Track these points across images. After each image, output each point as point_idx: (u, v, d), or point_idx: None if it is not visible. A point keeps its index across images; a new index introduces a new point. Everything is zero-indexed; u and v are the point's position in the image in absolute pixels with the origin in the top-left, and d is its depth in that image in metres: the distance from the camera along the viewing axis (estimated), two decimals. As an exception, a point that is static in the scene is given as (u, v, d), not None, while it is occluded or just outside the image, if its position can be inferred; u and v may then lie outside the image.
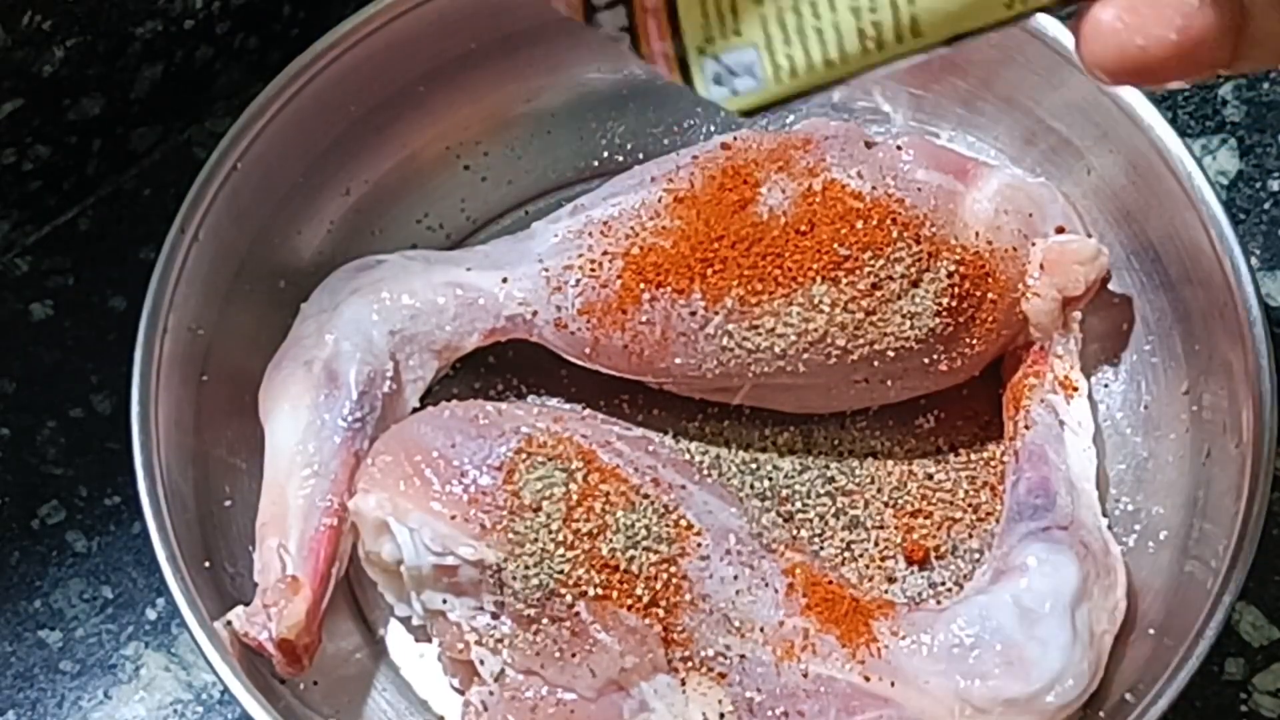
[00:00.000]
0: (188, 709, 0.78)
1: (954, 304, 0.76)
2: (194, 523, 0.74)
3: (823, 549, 0.78)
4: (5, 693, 0.78)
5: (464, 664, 0.72)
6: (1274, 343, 0.73)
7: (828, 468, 0.80)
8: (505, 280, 0.78)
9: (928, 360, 0.77)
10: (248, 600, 0.72)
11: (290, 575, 0.71)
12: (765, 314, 0.75)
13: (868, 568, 0.78)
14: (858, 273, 0.75)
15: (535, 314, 0.78)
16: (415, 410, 0.77)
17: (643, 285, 0.76)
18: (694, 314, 0.76)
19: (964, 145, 0.84)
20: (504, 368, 0.82)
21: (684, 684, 0.70)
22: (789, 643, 0.70)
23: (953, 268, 0.76)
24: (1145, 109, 0.78)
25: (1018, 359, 0.80)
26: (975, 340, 0.77)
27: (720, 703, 0.70)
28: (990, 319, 0.77)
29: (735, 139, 0.80)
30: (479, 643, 0.70)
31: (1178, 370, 0.78)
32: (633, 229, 0.77)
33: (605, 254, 0.77)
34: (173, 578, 0.70)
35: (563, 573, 0.68)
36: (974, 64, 0.83)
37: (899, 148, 0.78)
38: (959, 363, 0.78)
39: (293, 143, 0.80)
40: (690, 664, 0.70)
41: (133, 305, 0.75)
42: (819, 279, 0.75)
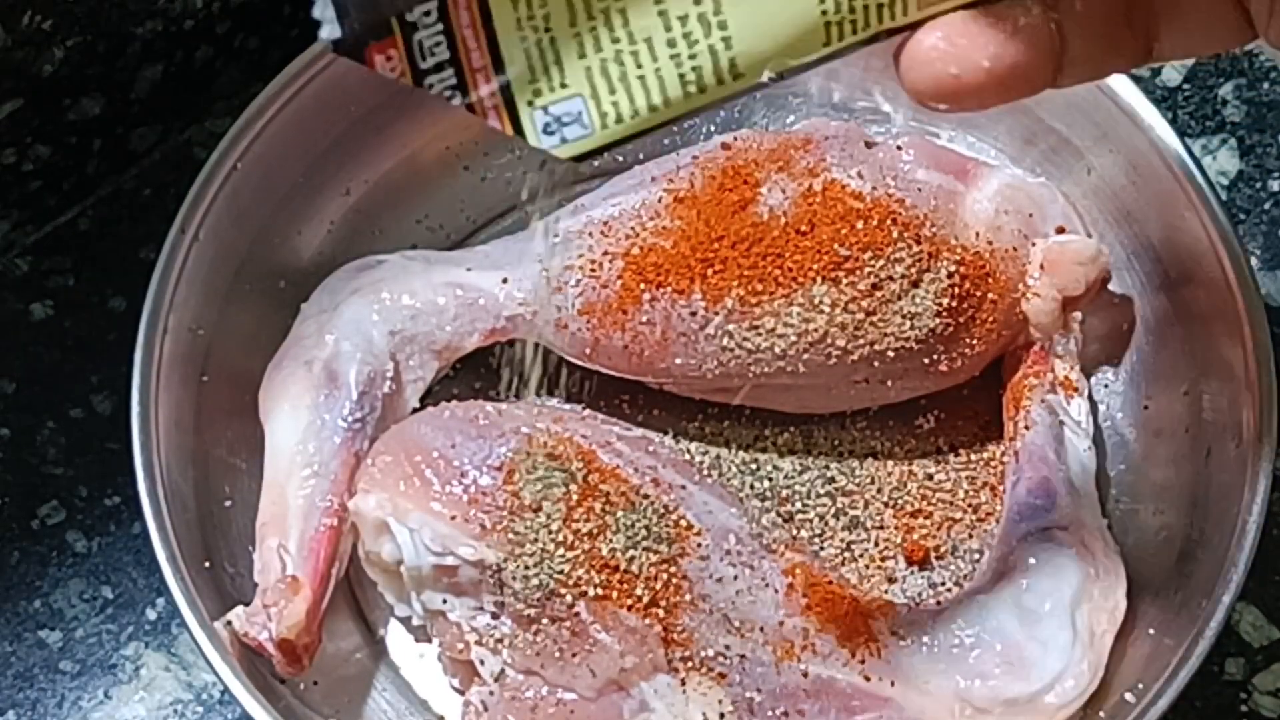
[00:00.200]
0: (188, 709, 0.78)
1: (954, 304, 0.76)
2: (194, 523, 0.74)
3: (823, 549, 0.78)
4: (5, 693, 0.78)
5: (464, 664, 0.72)
6: (1274, 343, 0.73)
7: (828, 468, 0.80)
8: (505, 280, 0.78)
9: (928, 360, 0.77)
10: (248, 600, 0.72)
11: (290, 575, 0.71)
12: (765, 314, 0.75)
13: (868, 568, 0.78)
14: (858, 273, 0.75)
15: (535, 314, 0.78)
16: (415, 410, 0.77)
17: (643, 285, 0.76)
18: (694, 314, 0.76)
19: (964, 145, 0.84)
20: (504, 368, 0.82)
21: (684, 684, 0.70)
22: (789, 643, 0.70)
23: (953, 268, 0.76)
24: (1145, 109, 0.78)
25: (1018, 359, 0.80)
26: (975, 340, 0.77)
27: (720, 703, 0.70)
28: (990, 319, 0.77)
29: (735, 139, 0.80)
30: (479, 643, 0.70)
31: (1178, 370, 0.78)
32: (633, 229, 0.77)
33: (605, 254, 0.77)
34: (173, 578, 0.70)
35: (563, 573, 0.68)
36: (974, 64, 0.83)
37: (899, 148, 0.78)
38: (959, 363, 0.78)
39: (293, 143, 0.80)
40: (690, 664, 0.70)
41: (133, 305, 0.75)
42: (819, 279, 0.75)
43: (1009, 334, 0.79)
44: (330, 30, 0.46)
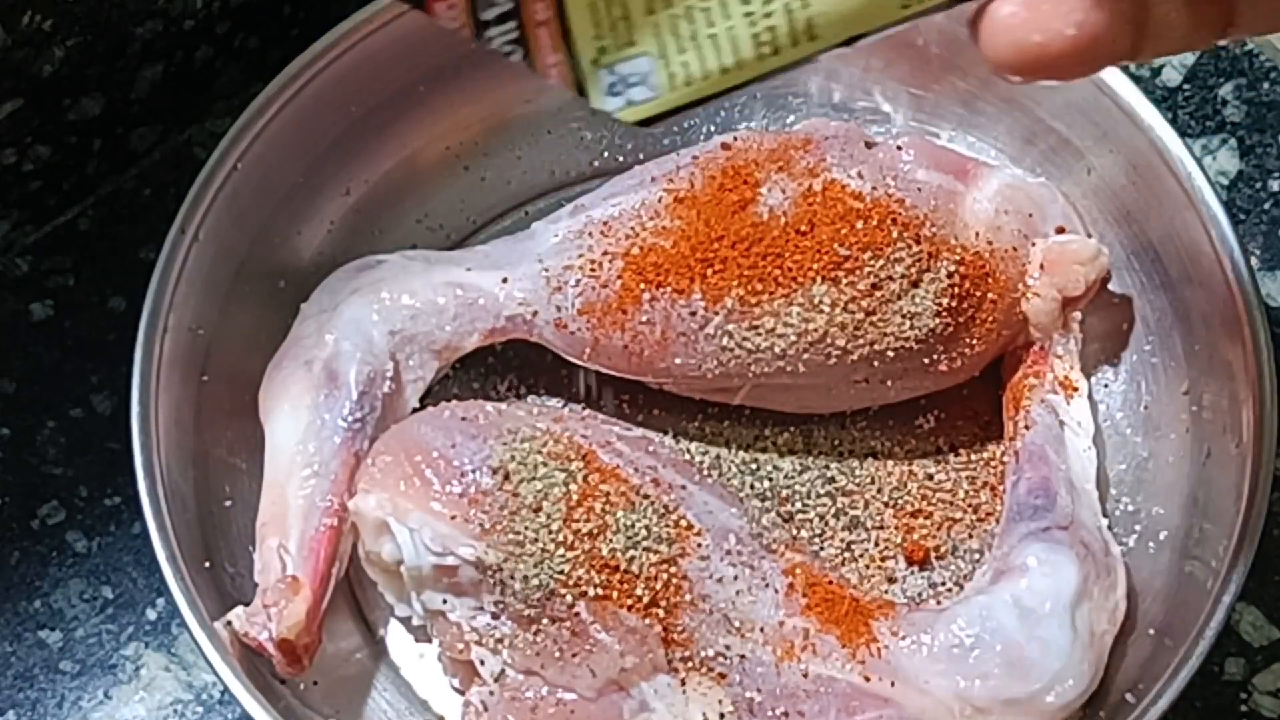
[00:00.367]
0: (188, 709, 0.78)
1: (954, 304, 0.76)
2: (194, 523, 0.74)
3: (823, 549, 0.78)
4: (5, 693, 0.78)
5: (464, 664, 0.72)
6: (1274, 343, 0.73)
7: (828, 468, 0.80)
8: (505, 280, 0.78)
9: (928, 360, 0.77)
10: (248, 600, 0.72)
11: (290, 575, 0.71)
12: (765, 314, 0.75)
13: (868, 568, 0.78)
14: (858, 273, 0.75)
15: (535, 314, 0.78)
16: (415, 410, 0.77)
17: (643, 285, 0.76)
18: (694, 314, 0.76)
19: (964, 145, 0.84)
20: (504, 368, 0.82)
21: (684, 684, 0.70)
22: (789, 643, 0.70)
23: (953, 268, 0.76)
24: (1145, 109, 0.78)
25: (1018, 359, 0.80)
26: (975, 340, 0.77)
27: (720, 703, 0.70)
28: (990, 319, 0.77)
29: (735, 139, 0.80)
30: (479, 643, 0.70)
31: (1178, 370, 0.78)
32: (633, 229, 0.77)
33: (605, 254, 0.77)
34: (173, 578, 0.70)
35: (563, 573, 0.68)
36: (974, 64, 0.83)
37: (899, 148, 0.78)
38: (959, 363, 0.78)
39: (293, 143, 0.80)
40: (690, 664, 0.70)
41: (133, 305, 0.75)
42: (819, 279, 0.75)
43: (1009, 334, 0.79)
44: None
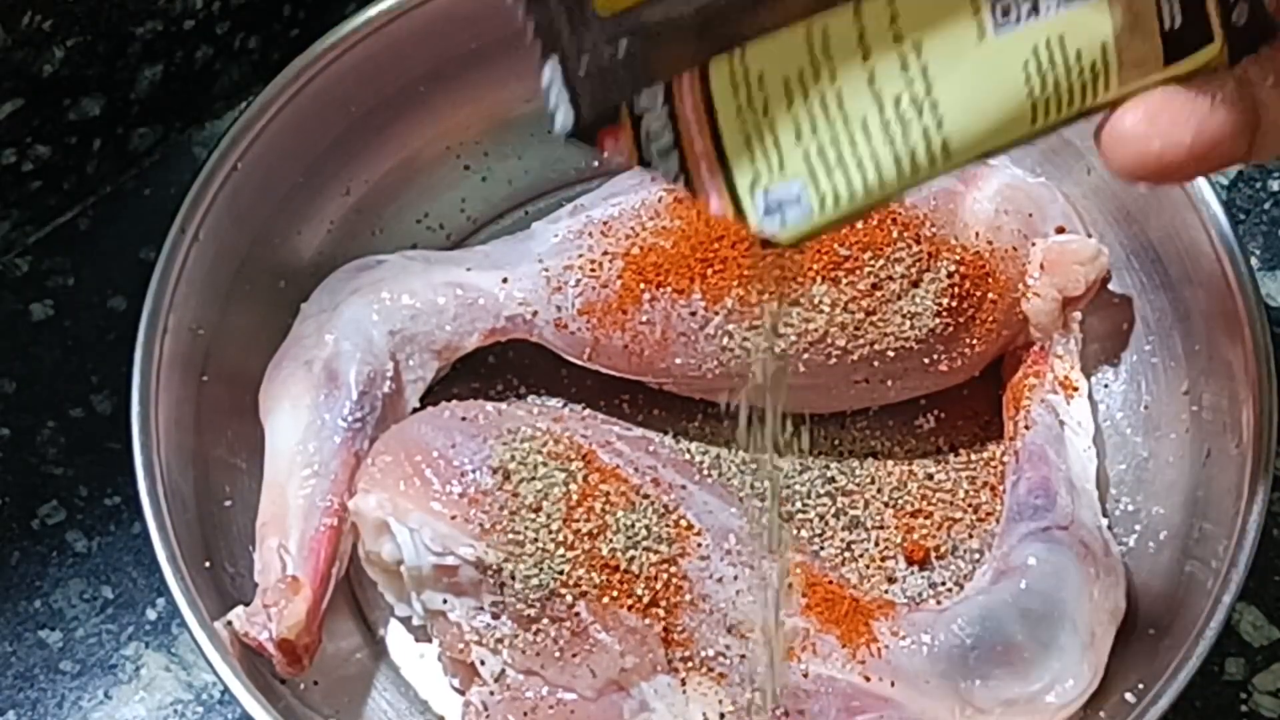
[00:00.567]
0: (188, 709, 0.78)
1: (954, 304, 0.76)
2: (194, 523, 0.74)
3: (823, 549, 0.78)
4: (5, 693, 0.78)
5: (464, 664, 0.72)
6: (1274, 343, 0.73)
7: (828, 468, 0.80)
8: (505, 280, 0.78)
9: (928, 360, 0.77)
10: (248, 600, 0.72)
11: (290, 575, 0.71)
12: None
13: (868, 568, 0.78)
14: (858, 273, 0.75)
15: (535, 314, 0.78)
16: (415, 410, 0.77)
17: (643, 285, 0.76)
18: (694, 314, 0.76)
19: (964, 145, 0.84)
20: (504, 368, 0.82)
21: (684, 684, 0.70)
22: (789, 643, 0.70)
23: (953, 268, 0.76)
24: (1145, 109, 0.78)
25: (1018, 359, 0.80)
26: (975, 340, 0.77)
27: (720, 703, 0.70)
28: (990, 319, 0.77)
29: (735, 139, 0.80)
30: (479, 643, 0.70)
31: (1178, 370, 0.78)
32: (633, 229, 0.77)
33: (605, 254, 0.77)
34: (173, 578, 0.70)
35: (563, 573, 0.68)
36: (974, 64, 0.83)
37: (899, 148, 0.78)
38: (959, 363, 0.78)
39: (293, 143, 0.80)
40: (690, 664, 0.70)
41: (133, 305, 0.75)
42: (819, 279, 0.75)
43: (1009, 334, 0.79)
44: (564, 118, 0.46)
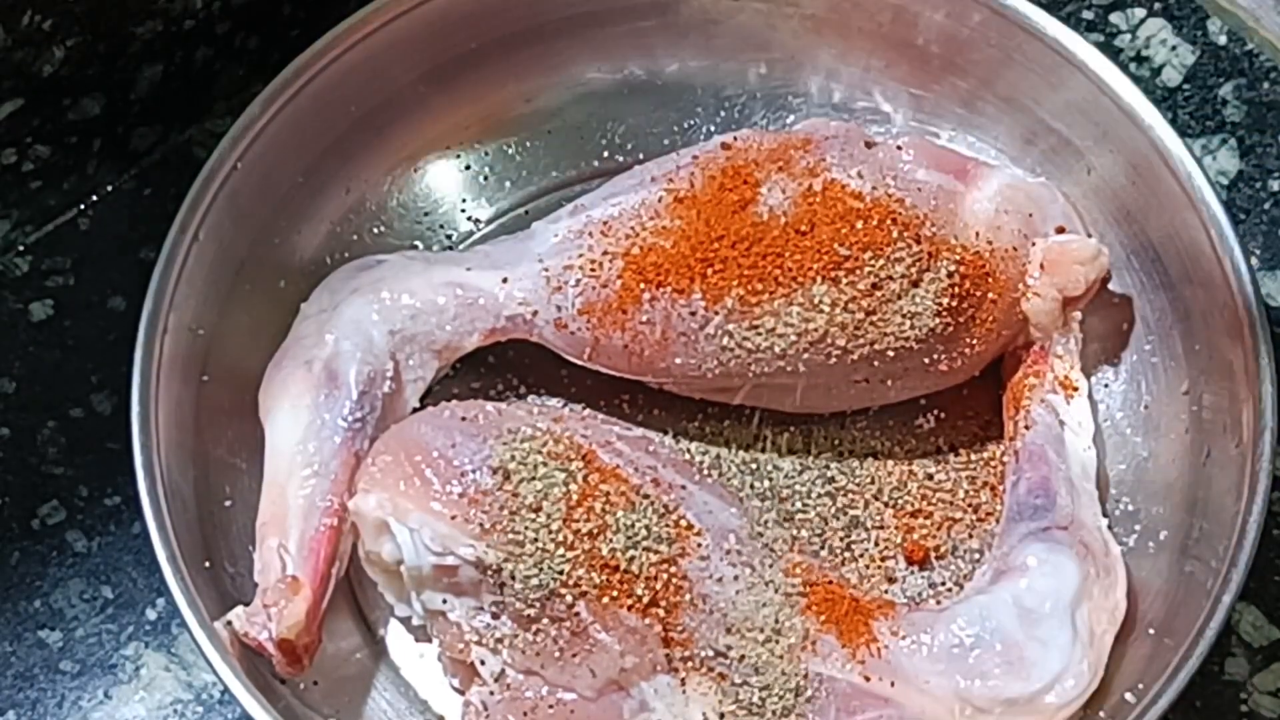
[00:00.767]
0: (188, 709, 0.78)
1: (954, 304, 0.76)
2: (194, 523, 0.74)
3: (823, 549, 0.78)
4: (5, 693, 0.78)
5: (464, 664, 0.72)
6: (1274, 343, 0.73)
7: (828, 468, 0.80)
8: (505, 280, 0.78)
9: (928, 360, 0.77)
10: (248, 600, 0.72)
11: (290, 575, 0.71)
12: (765, 314, 0.75)
13: (868, 568, 0.78)
14: (858, 273, 0.75)
15: (535, 314, 0.78)
16: (415, 410, 0.77)
17: (643, 285, 0.76)
18: (694, 314, 0.76)
19: (964, 145, 0.84)
20: (504, 368, 0.82)
21: (684, 684, 0.70)
22: (789, 643, 0.70)
23: (953, 268, 0.76)
24: (1145, 109, 0.78)
25: (1018, 359, 0.80)
26: (975, 340, 0.77)
27: (720, 703, 0.70)
28: (990, 319, 0.77)
29: (735, 139, 0.80)
30: (479, 643, 0.70)
31: (1178, 370, 0.78)
32: (633, 229, 0.77)
33: (605, 254, 0.77)
34: (173, 578, 0.70)
35: (563, 573, 0.68)
36: (974, 64, 0.83)
37: (899, 148, 0.78)
38: (959, 363, 0.78)
39: (293, 143, 0.80)
40: (690, 664, 0.70)
41: (133, 305, 0.75)
42: (819, 279, 0.75)
43: (1009, 334, 0.79)
44: None
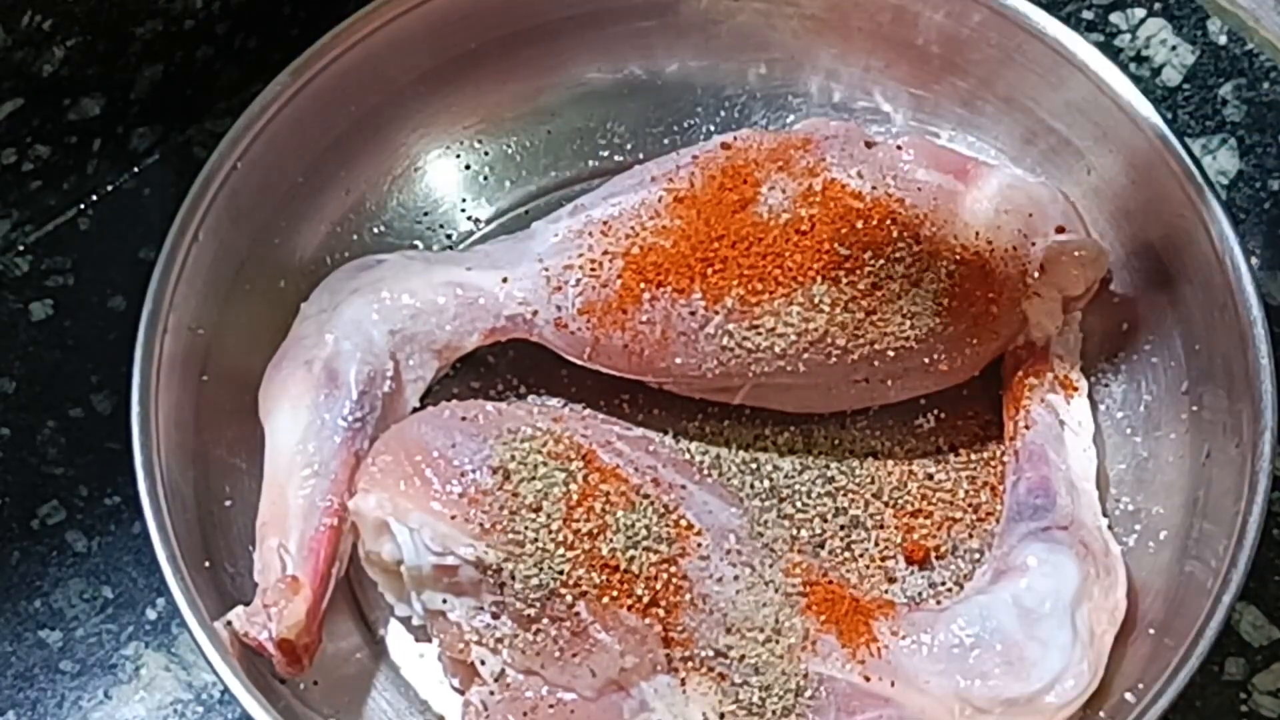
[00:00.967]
0: (188, 709, 0.78)
1: (954, 304, 0.76)
2: (194, 523, 0.74)
3: (823, 549, 0.78)
4: (5, 693, 0.78)
5: (464, 664, 0.72)
6: (1274, 343, 0.73)
7: (828, 468, 0.80)
8: (505, 280, 0.78)
9: (928, 360, 0.77)
10: (248, 600, 0.72)
11: (290, 575, 0.71)
12: (765, 314, 0.75)
13: (868, 568, 0.78)
14: (858, 272, 0.75)
15: (535, 314, 0.78)
16: (415, 410, 0.77)
17: (643, 285, 0.76)
18: (694, 314, 0.76)
19: (964, 145, 0.84)
20: (504, 368, 0.82)
21: (684, 684, 0.70)
22: (789, 643, 0.70)
23: (953, 268, 0.76)
24: (1145, 109, 0.78)
25: (1018, 359, 0.80)
26: (975, 340, 0.77)
27: (720, 703, 0.70)
28: (990, 319, 0.77)
29: (735, 139, 0.80)
30: (479, 643, 0.70)
31: (1178, 370, 0.78)
32: (633, 229, 0.77)
33: (605, 254, 0.77)
34: (173, 578, 0.70)
35: (563, 573, 0.68)
36: (974, 64, 0.83)
37: (899, 148, 0.78)
38: (959, 363, 0.78)
39: (293, 143, 0.80)
40: (690, 664, 0.70)
41: (133, 305, 0.75)
42: (819, 279, 0.75)
43: (1009, 334, 0.79)
44: None
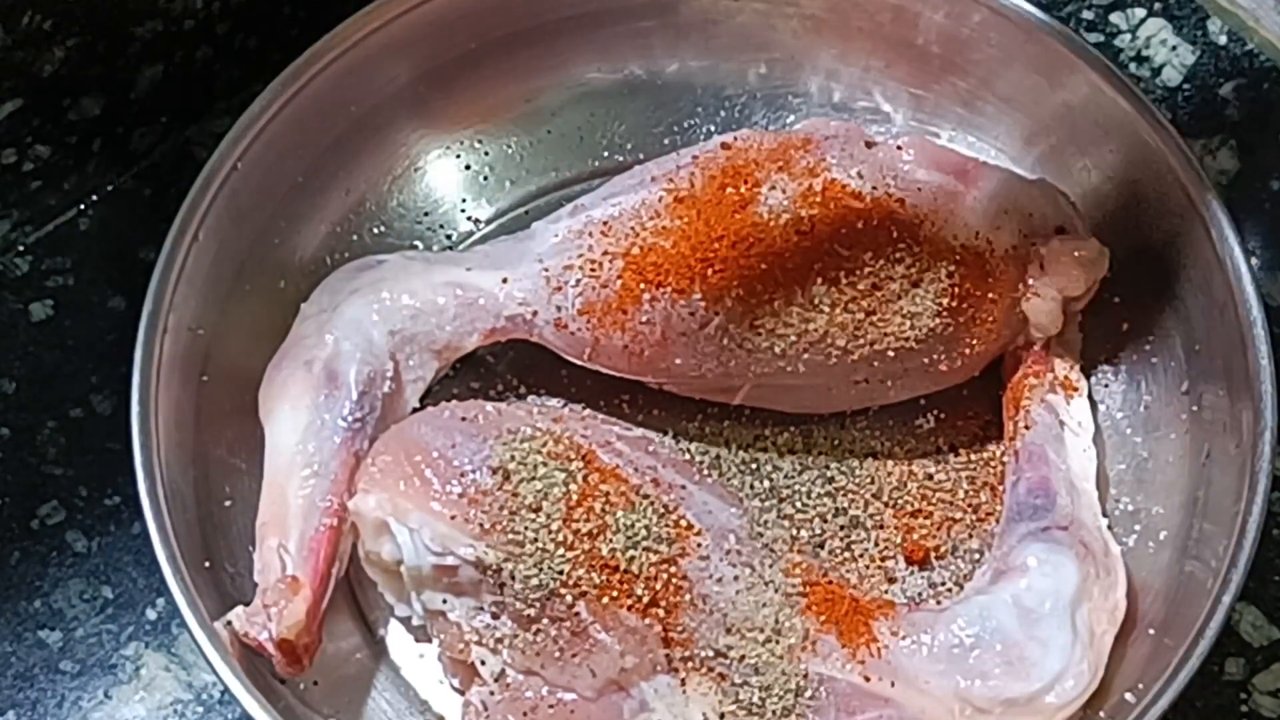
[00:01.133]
0: (188, 709, 0.78)
1: (954, 304, 0.76)
2: (194, 523, 0.74)
3: (823, 549, 0.78)
4: (5, 693, 0.78)
5: (464, 664, 0.72)
6: (1274, 343, 0.73)
7: (828, 468, 0.80)
8: (505, 280, 0.78)
9: (928, 360, 0.77)
10: (248, 600, 0.72)
11: (290, 575, 0.71)
12: (765, 314, 0.75)
13: (868, 568, 0.78)
14: (858, 273, 0.75)
15: (535, 314, 0.78)
16: (415, 410, 0.77)
17: (643, 285, 0.76)
18: (694, 314, 0.76)
19: (964, 145, 0.84)
20: (504, 368, 0.82)
21: (684, 684, 0.70)
22: (789, 643, 0.70)
23: (953, 268, 0.76)
24: (1145, 109, 0.78)
25: (1018, 359, 0.80)
26: (975, 340, 0.77)
27: (720, 703, 0.70)
28: (990, 319, 0.77)
29: (735, 139, 0.80)
30: (479, 643, 0.70)
31: (1178, 370, 0.78)
32: (633, 229, 0.77)
33: (605, 254, 0.77)
34: (173, 578, 0.70)
35: (563, 573, 0.68)
36: (974, 64, 0.83)
37: (899, 148, 0.78)
38: (959, 363, 0.78)
39: (293, 143, 0.80)
40: (690, 664, 0.70)
41: (133, 305, 0.75)
42: (819, 279, 0.75)
43: (1009, 334, 0.79)
44: None
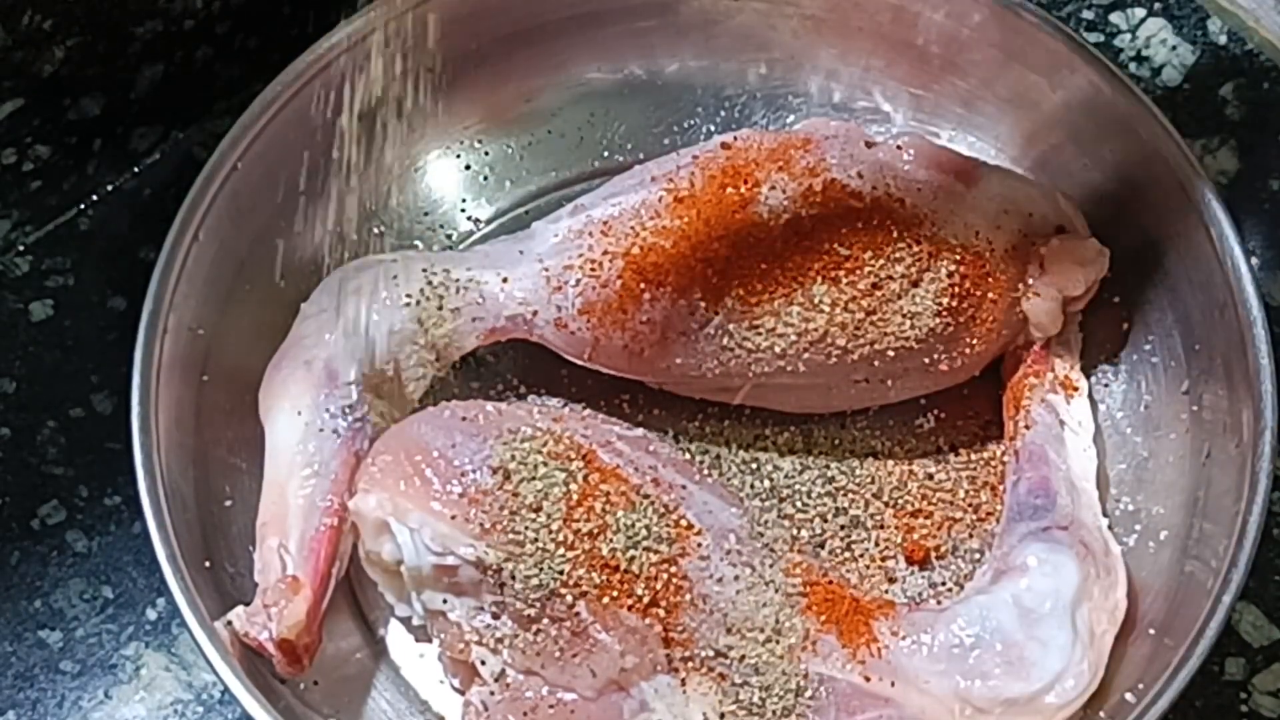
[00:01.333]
0: (188, 709, 0.78)
1: (954, 304, 0.76)
2: (194, 523, 0.74)
3: (823, 549, 0.78)
4: (5, 693, 0.78)
5: (464, 664, 0.72)
6: (1274, 343, 0.73)
7: (828, 468, 0.80)
8: (505, 280, 0.78)
9: (928, 360, 0.77)
10: (248, 600, 0.72)
11: (290, 575, 0.71)
12: (765, 314, 0.75)
13: (868, 568, 0.78)
14: (858, 273, 0.75)
15: (535, 314, 0.78)
16: (415, 410, 0.77)
17: (643, 285, 0.76)
18: (694, 314, 0.76)
19: (964, 145, 0.84)
20: (504, 368, 0.82)
21: (684, 684, 0.70)
22: (789, 643, 0.70)
23: (953, 268, 0.76)
24: (1145, 109, 0.78)
25: (1018, 359, 0.80)
26: (975, 340, 0.77)
27: (720, 703, 0.70)
28: (990, 319, 0.77)
29: (735, 139, 0.80)
30: (479, 643, 0.70)
31: (1178, 370, 0.78)
32: (633, 229, 0.77)
33: (605, 254, 0.77)
34: (173, 578, 0.70)
35: (563, 573, 0.68)
36: (974, 64, 0.83)
37: (899, 148, 0.78)
38: (959, 363, 0.78)
39: (293, 143, 0.80)
40: (690, 664, 0.70)
41: (133, 305, 0.75)
42: (819, 279, 0.75)
43: (1009, 334, 0.79)
44: None
